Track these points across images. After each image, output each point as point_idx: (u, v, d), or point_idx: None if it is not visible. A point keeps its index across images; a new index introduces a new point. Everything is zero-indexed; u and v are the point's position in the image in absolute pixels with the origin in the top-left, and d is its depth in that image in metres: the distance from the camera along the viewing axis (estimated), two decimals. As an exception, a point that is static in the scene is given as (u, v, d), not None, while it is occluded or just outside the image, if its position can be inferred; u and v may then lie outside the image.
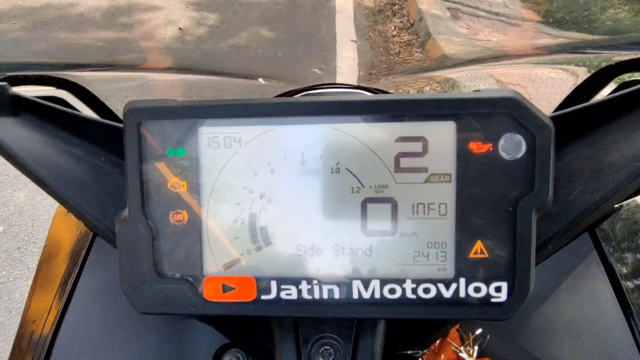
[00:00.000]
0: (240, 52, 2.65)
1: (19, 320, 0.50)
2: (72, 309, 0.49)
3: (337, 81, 2.61)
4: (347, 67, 2.79)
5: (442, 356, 0.42)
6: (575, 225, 0.34)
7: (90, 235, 0.55)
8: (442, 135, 0.31)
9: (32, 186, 2.27)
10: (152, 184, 0.33)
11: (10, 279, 1.95)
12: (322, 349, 0.37)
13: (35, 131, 0.39)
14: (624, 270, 0.46)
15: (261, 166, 0.32)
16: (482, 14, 3.22)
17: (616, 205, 0.44)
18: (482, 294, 0.31)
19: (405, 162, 0.31)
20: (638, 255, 0.48)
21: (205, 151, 0.32)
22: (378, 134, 0.31)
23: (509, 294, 0.31)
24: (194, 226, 0.33)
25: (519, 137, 0.30)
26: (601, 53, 0.51)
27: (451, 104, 0.30)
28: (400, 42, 3.04)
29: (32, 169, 0.35)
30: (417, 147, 0.31)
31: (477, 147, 0.30)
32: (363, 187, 0.32)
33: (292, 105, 0.31)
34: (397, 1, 3.48)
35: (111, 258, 0.53)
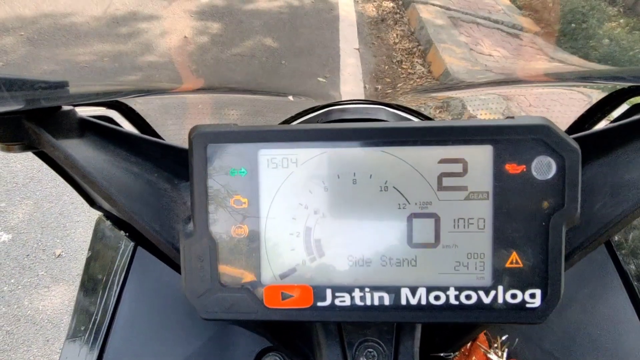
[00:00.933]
0: (245, 61, 2.70)
1: (27, 330, 0.53)
2: (121, 314, 0.52)
3: (342, 89, 2.65)
4: (350, 75, 2.84)
5: (473, 358, 0.45)
6: (599, 236, 0.37)
7: (132, 245, 0.58)
8: (480, 158, 0.34)
9: (41, 194, 2.29)
10: (216, 200, 0.36)
11: (19, 287, 1.96)
12: (366, 351, 0.41)
13: (98, 150, 0.42)
14: (637, 275, 0.49)
15: (316, 184, 0.36)
16: (482, 21, 3.28)
17: (631, 222, 0.47)
18: (518, 300, 0.34)
19: (447, 182, 0.35)
20: (649, 263, 0.51)
21: (264, 171, 0.36)
22: (423, 156, 0.35)
23: (542, 300, 0.34)
24: (254, 239, 0.36)
25: (549, 160, 0.34)
26: (613, 83, 0.54)
27: (489, 130, 0.34)
28: (402, 49, 3.09)
29: (102, 186, 0.38)
30: (457, 167, 0.34)
31: (512, 168, 0.34)
32: (409, 203, 0.35)
33: (346, 131, 0.35)
34: (398, 10, 3.54)
35: (153, 267, 0.56)
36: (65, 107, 0.40)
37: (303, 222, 0.36)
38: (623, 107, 0.50)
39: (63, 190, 2.31)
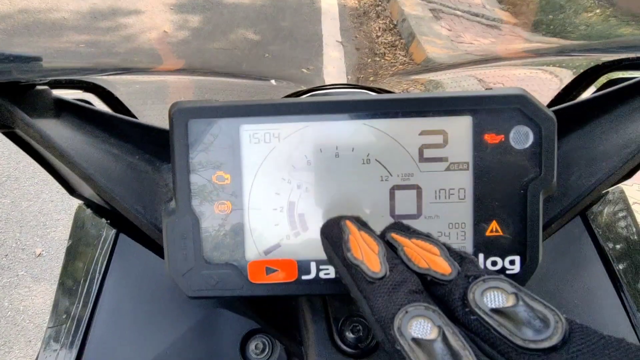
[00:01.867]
0: (227, 54, 2.67)
1: (8, 331, 0.52)
2: (103, 302, 0.51)
3: (326, 81, 2.65)
4: (333, 68, 2.83)
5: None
6: (574, 206, 0.38)
7: (113, 232, 0.57)
8: (460, 129, 0.35)
9: (18, 192, 2.23)
10: (198, 177, 0.36)
11: (-2, 287, 1.91)
12: (352, 326, 0.41)
13: (76, 131, 0.41)
14: (613, 250, 0.51)
15: (298, 159, 0.36)
16: (462, 14, 3.31)
17: (603, 191, 0.49)
18: (498, 266, 0.35)
19: (428, 153, 0.35)
20: (624, 235, 0.53)
21: (247, 146, 0.36)
22: (404, 128, 0.35)
23: (521, 266, 0.35)
24: (237, 215, 0.36)
25: (527, 129, 0.34)
26: (588, 56, 0.56)
27: (468, 100, 0.34)
28: (385, 43, 3.10)
29: (81, 166, 0.37)
30: (438, 139, 0.35)
31: (491, 138, 0.35)
32: (391, 175, 0.35)
33: (328, 104, 0.35)
34: (380, 2, 3.55)
35: (135, 254, 0.55)
36: (40, 87, 0.39)
37: (286, 197, 0.36)
38: (596, 86, 0.51)
39: (42, 189, 2.25)
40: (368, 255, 0.26)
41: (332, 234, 0.28)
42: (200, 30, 2.81)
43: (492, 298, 0.23)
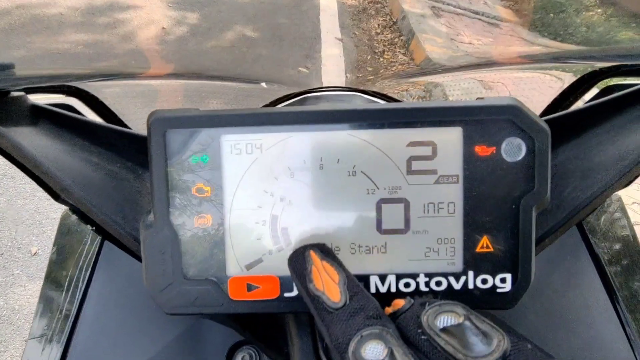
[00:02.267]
0: (225, 52, 2.65)
1: (3, 330, 0.51)
2: (86, 312, 0.50)
3: (324, 79, 2.63)
4: (332, 66, 2.81)
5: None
6: (569, 220, 0.37)
7: (99, 239, 0.56)
8: (449, 140, 0.33)
9: (14, 190, 2.22)
10: (177, 190, 0.34)
11: (-6, 286, 1.90)
12: (338, 341, 0.40)
13: (54, 139, 0.40)
14: (609, 256, 0.49)
15: (281, 171, 0.34)
16: (463, 12, 3.29)
17: (599, 204, 0.47)
18: (489, 284, 0.34)
19: (416, 165, 0.34)
20: (621, 245, 0.52)
21: (228, 157, 0.34)
22: (391, 139, 0.34)
23: (512, 284, 0.33)
24: (218, 229, 0.35)
25: (519, 141, 0.33)
26: (585, 63, 0.54)
27: (458, 111, 0.33)
28: (385, 40, 3.08)
29: (56, 177, 0.36)
30: (427, 151, 0.34)
31: (481, 150, 0.33)
32: (378, 188, 0.34)
33: (311, 114, 0.34)
34: (380, 0, 3.52)
35: (121, 262, 0.54)
36: (15, 93, 0.38)
37: (269, 210, 0.35)
38: (594, 91, 0.50)
39: (38, 187, 2.22)
40: (329, 286, 0.27)
41: (297, 265, 0.30)
42: (198, 27, 2.79)
43: (443, 320, 0.24)
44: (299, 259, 0.30)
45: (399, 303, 0.28)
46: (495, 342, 0.22)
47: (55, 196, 0.51)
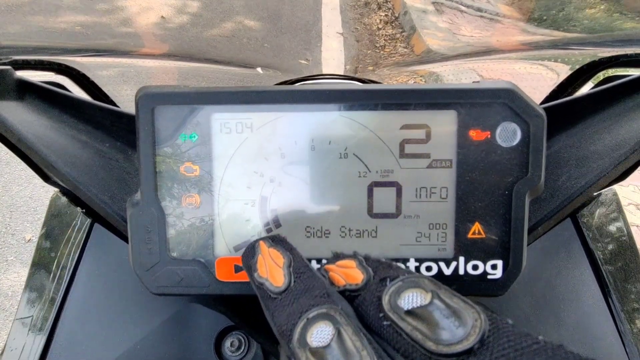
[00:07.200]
0: (225, 42, 2.62)
1: None
2: (74, 293, 0.49)
3: (324, 72, 2.61)
4: (333, 59, 2.80)
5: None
6: (563, 208, 0.36)
7: (88, 222, 0.55)
8: (444, 123, 0.33)
9: (9, 176, 2.20)
10: (165, 168, 0.34)
11: (-13, 272, 1.90)
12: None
13: (41, 115, 0.39)
14: (603, 253, 0.49)
15: (272, 151, 0.33)
16: (465, 9, 3.27)
17: (595, 193, 0.47)
18: (480, 271, 0.33)
19: (409, 149, 0.33)
20: (614, 239, 0.51)
21: (217, 136, 0.33)
22: (384, 121, 0.33)
23: (503, 271, 0.33)
24: (206, 209, 0.34)
25: (514, 126, 0.32)
26: (584, 49, 0.54)
27: (453, 94, 0.32)
28: (386, 35, 3.06)
29: (41, 152, 0.35)
30: (420, 134, 0.33)
31: (476, 134, 0.33)
32: (369, 171, 0.33)
33: (303, 93, 0.33)
34: (382, -5, 3.49)
35: (110, 246, 0.53)
36: (0, 67, 0.37)
37: (258, 191, 0.34)
38: (594, 82, 0.49)
39: (33, 173, 2.21)
40: (272, 271, 0.25)
41: (246, 258, 0.27)
42: (199, 17, 2.77)
43: (408, 299, 0.21)
44: (248, 252, 0.27)
45: (349, 266, 0.24)
46: (471, 323, 0.19)
47: (45, 177, 0.50)
